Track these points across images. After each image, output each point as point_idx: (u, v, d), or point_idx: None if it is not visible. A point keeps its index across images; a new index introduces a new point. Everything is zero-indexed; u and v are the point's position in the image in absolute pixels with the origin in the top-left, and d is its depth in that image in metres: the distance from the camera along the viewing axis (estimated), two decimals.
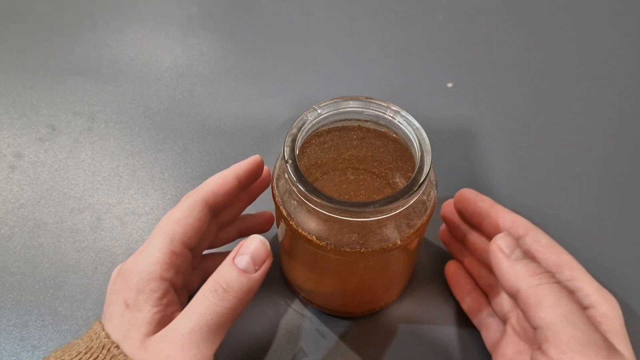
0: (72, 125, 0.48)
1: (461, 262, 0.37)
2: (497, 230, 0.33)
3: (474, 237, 0.36)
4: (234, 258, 0.28)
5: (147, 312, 0.27)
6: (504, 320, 0.34)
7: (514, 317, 0.32)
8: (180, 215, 0.30)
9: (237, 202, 0.35)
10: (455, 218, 0.37)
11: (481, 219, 0.34)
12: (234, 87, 0.51)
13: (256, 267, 0.28)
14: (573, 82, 0.52)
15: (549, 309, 0.26)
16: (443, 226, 0.38)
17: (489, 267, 0.35)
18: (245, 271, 0.27)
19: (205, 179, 0.44)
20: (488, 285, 0.35)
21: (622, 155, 0.46)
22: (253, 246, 0.28)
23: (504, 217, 0.33)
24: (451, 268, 0.37)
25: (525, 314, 0.27)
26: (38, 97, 0.50)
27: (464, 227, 0.36)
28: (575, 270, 0.30)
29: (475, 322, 0.35)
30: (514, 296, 0.28)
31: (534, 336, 0.30)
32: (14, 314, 0.37)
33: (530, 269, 0.28)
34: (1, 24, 0.57)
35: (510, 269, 0.28)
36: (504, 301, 0.34)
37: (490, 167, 0.45)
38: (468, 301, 0.36)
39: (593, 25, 0.58)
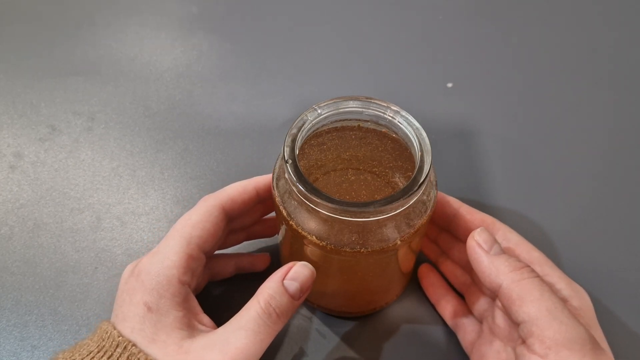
0: (72, 125, 0.48)
1: (436, 264, 0.38)
2: (466, 230, 0.33)
3: (446, 238, 0.36)
4: (283, 280, 0.28)
5: (174, 317, 0.28)
6: (480, 320, 0.34)
7: (490, 316, 0.33)
8: (197, 219, 0.30)
9: (252, 212, 0.35)
10: None
11: (449, 221, 0.34)
12: (234, 87, 0.51)
13: (300, 295, 0.29)
14: (573, 82, 0.52)
15: (532, 303, 0.26)
16: None
17: (463, 267, 0.35)
18: (293, 297, 0.28)
19: (205, 179, 0.44)
20: (463, 285, 0.36)
21: (621, 155, 0.46)
22: (303, 275, 0.29)
23: (472, 216, 0.33)
24: (423, 271, 0.38)
25: (507, 309, 0.28)
26: (38, 97, 0.50)
27: (436, 228, 0.37)
28: (545, 265, 0.31)
29: (451, 324, 0.35)
30: (495, 291, 0.28)
31: (513, 332, 0.30)
32: (14, 314, 0.37)
33: (511, 264, 0.28)
34: (1, 24, 0.57)
35: (491, 264, 0.28)
36: (480, 300, 0.34)
37: (490, 167, 0.45)
38: (442, 304, 0.36)
39: (593, 25, 0.58)
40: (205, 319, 0.30)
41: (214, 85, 0.51)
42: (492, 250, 0.29)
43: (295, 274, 0.29)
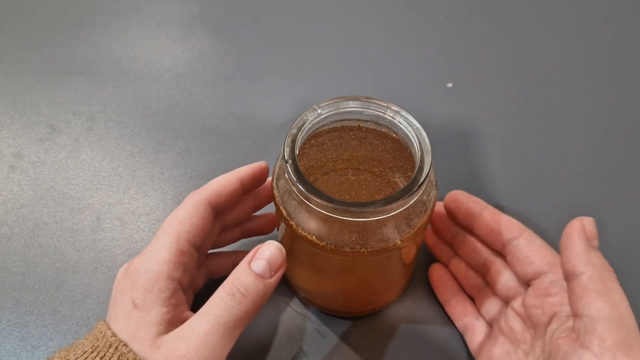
0: (72, 125, 0.48)
1: (446, 265, 0.38)
2: (490, 231, 0.33)
3: (465, 239, 0.36)
4: (250, 262, 0.28)
5: (157, 312, 0.28)
6: (490, 322, 0.34)
7: (502, 319, 0.33)
8: (184, 215, 0.30)
9: (241, 206, 0.35)
10: (444, 220, 0.37)
11: (473, 220, 0.34)
12: (234, 87, 0.51)
13: (272, 273, 0.28)
14: (573, 82, 0.52)
15: (608, 303, 0.26)
16: (429, 228, 0.38)
17: (477, 269, 0.35)
18: (261, 276, 0.28)
19: (205, 179, 0.44)
20: (475, 287, 0.36)
21: (621, 154, 0.46)
22: (269, 252, 0.28)
23: (498, 217, 0.33)
24: (436, 271, 0.38)
25: (577, 297, 0.27)
26: (38, 97, 0.50)
27: (454, 228, 0.36)
28: None
29: (459, 324, 0.35)
30: (571, 276, 0.28)
31: (526, 335, 0.30)
32: (14, 314, 0.37)
33: (604, 262, 0.28)
34: (1, 24, 0.57)
35: (585, 251, 0.28)
36: (492, 303, 0.34)
37: (490, 167, 0.45)
38: (452, 303, 0.36)
39: (593, 25, 0.58)
40: (190, 316, 0.30)
41: (214, 85, 0.51)
42: (592, 242, 0.29)
43: (260, 253, 0.28)
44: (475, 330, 0.34)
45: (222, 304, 0.27)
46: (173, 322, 0.28)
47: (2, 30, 0.56)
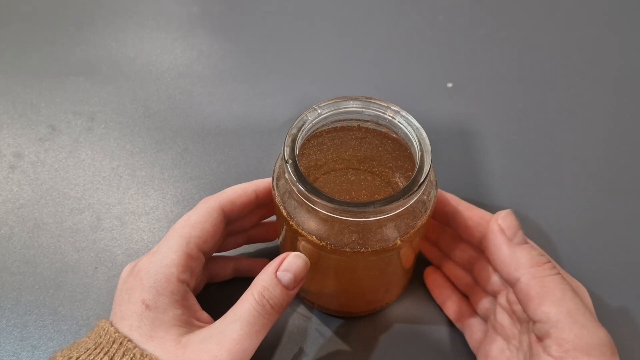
0: (72, 125, 0.48)
1: (439, 267, 0.38)
2: (466, 228, 0.32)
3: (446, 240, 0.36)
4: (276, 271, 0.29)
5: (173, 314, 0.28)
6: (485, 319, 0.34)
7: (492, 315, 0.32)
8: (197, 219, 0.31)
9: (251, 215, 0.36)
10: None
11: (448, 218, 0.33)
12: (234, 87, 0.51)
13: (294, 285, 0.29)
14: (573, 82, 0.52)
15: (553, 304, 0.25)
16: None
17: (464, 267, 0.35)
18: (286, 288, 0.29)
19: (205, 179, 0.44)
20: (467, 285, 0.36)
21: (621, 155, 0.46)
22: (296, 266, 0.29)
23: (471, 213, 0.32)
24: (430, 274, 0.38)
25: (523, 305, 0.27)
26: (38, 97, 0.50)
27: (438, 228, 0.36)
28: None
29: (458, 324, 0.35)
30: (512, 284, 0.27)
31: (514, 330, 0.30)
32: (14, 314, 0.37)
33: (533, 257, 0.27)
34: (1, 24, 0.57)
35: (511, 254, 0.27)
36: (483, 300, 0.34)
37: (490, 167, 0.45)
38: (449, 305, 0.36)
39: (593, 25, 0.58)
40: (204, 315, 0.30)
41: (214, 85, 0.51)
42: (515, 238, 0.27)
43: (288, 264, 0.29)
44: (472, 329, 0.34)
45: (255, 313, 0.28)
46: (190, 322, 0.29)
47: (2, 30, 0.56)
